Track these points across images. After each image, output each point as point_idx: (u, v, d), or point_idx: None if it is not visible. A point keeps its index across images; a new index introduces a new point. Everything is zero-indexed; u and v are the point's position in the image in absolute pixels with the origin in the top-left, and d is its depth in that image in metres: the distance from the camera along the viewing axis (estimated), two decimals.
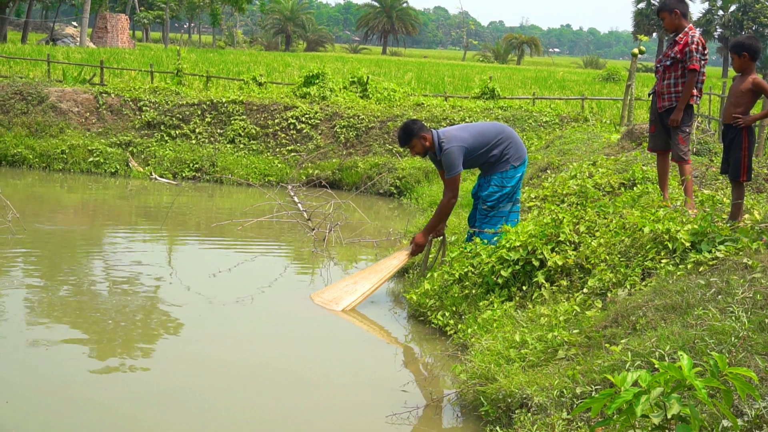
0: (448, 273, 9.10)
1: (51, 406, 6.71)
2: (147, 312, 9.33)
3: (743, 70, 8.00)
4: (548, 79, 43.34)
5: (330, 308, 9.48)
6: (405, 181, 18.08)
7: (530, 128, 20.56)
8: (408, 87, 27.10)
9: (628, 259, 7.54)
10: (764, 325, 5.26)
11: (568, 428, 5.28)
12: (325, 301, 9.64)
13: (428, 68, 48.87)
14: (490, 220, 9.72)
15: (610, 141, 15.99)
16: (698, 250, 7.00)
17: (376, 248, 12.40)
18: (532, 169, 14.36)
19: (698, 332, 5.37)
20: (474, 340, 7.53)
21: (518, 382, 6.06)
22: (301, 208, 14.83)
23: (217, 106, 21.31)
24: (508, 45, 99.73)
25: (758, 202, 8.66)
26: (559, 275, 8.04)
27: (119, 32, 58.95)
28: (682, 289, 6.22)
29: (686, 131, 9.03)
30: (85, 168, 19.75)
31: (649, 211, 8.17)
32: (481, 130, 9.84)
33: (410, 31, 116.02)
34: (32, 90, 21.42)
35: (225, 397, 7.02)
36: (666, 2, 9.17)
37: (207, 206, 17.12)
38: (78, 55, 35.25)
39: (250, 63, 40.00)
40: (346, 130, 20.51)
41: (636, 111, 21.64)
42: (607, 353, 5.81)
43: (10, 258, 11.43)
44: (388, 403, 6.82)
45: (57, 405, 6.74)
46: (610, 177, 11.06)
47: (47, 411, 6.61)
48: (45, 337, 8.16)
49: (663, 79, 9.05)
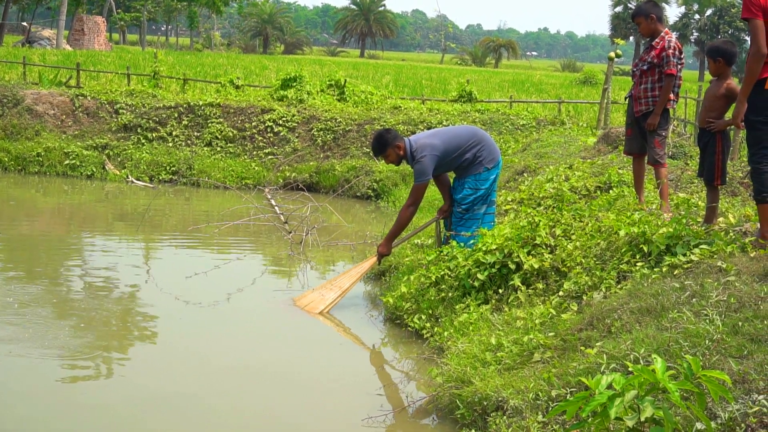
0: (424, 276, 9.11)
1: (23, 410, 6.67)
2: (123, 315, 9.29)
3: (719, 74, 8.04)
4: (525, 83, 43.49)
5: (308, 311, 9.49)
6: (382, 184, 18.07)
7: (507, 131, 20.60)
8: (386, 90, 27.10)
9: (603, 262, 7.57)
10: (738, 328, 5.29)
11: (544, 431, 5.29)
12: (304, 304, 9.65)
13: (406, 71, 48.92)
14: (465, 222, 9.73)
15: (586, 144, 16.04)
16: (673, 253, 7.04)
17: (353, 251, 12.41)
18: (508, 172, 14.39)
19: (672, 335, 5.40)
20: (450, 343, 7.53)
21: (494, 385, 6.07)
22: (278, 211, 14.81)
23: (194, 109, 21.26)
24: (486, 48, 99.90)
25: (733, 206, 8.70)
26: (535, 278, 8.06)
27: (96, 34, 58.69)
28: (656, 292, 6.24)
29: (662, 135, 9.07)
30: (61, 171, 19.63)
31: (625, 215, 8.20)
32: (453, 134, 9.86)
33: (388, 34, 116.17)
34: (8, 92, 21.31)
35: (201, 400, 7.00)
36: (641, 7, 9.21)
37: (184, 209, 17.08)
38: (54, 58, 35.10)
39: (228, 66, 39.96)
40: (323, 133, 20.49)
41: (612, 114, 21.74)
42: (583, 356, 5.82)
43: None
44: (364, 406, 6.82)
45: (29, 409, 6.70)
46: (587, 180, 11.09)
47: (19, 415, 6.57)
48: (20, 340, 8.11)
49: (640, 84, 9.09)
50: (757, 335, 5.17)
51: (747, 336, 5.19)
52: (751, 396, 4.55)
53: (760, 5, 6.71)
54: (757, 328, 5.23)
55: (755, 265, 6.47)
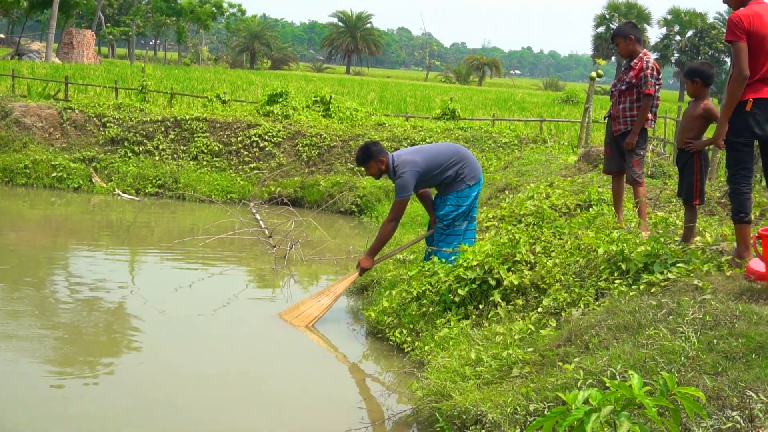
0: (406, 291, 9.12)
1: (10, 419, 6.64)
2: (109, 327, 9.26)
3: (697, 95, 8.09)
4: (508, 101, 43.61)
5: (293, 325, 9.49)
6: (366, 200, 18.07)
7: (489, 149, 20.64)
8: (370, 107, 27.11)
9: (582, 280, 7.60)
10: (713, 345, 5.32)
11: None
12: (289, 317, 9.65)
13: (391, 88, 48.99)
14: (447, 238, 9.78)
15: (567, 163, 16.10)
16: (651, 271, 7.07)
17: (337, 266, 12.41)
18: (490, 189, 14.42)
19: (649, 352, 5.42)
20: (431, 358, 7.54)
21: (473, 399, 6.08)
22: (263, 225, 14.81)
23: (180, 123, 21.24)
24: (470, 66, 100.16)
25: (710, 225, 8.75)
26: (515, 294, 8.08)
27: (85, 48, 58.63)
28: (634, 309, 6.27)
29: (640, 154, 9.12)
30: (48, 183, 19.55)
31: (604, 233, 8.24)
32: (436, 151, 9.91)
33: (374, 51, 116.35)
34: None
35: (184, 412, 6.99)
36: (620, 28, 9.27)
37: (169, 222, 17.04)
38: (43, 71, 35.04)
39: (215, 81, 39.93)
40: (308, 148, 20.50)
41: (593, 133, 21.83)
42: (560, 371, 5.84)
43: None
44: (345, 419, 6.81)
45: (16, 418, 6.67)
46: (567, 198, 11.13)
47: (5, 423, 6.55)
48: (5, 350, 8.08)
49: (618, 103, 9.14)
50: (731, 353, 5.20)
51: (722, 353, 5.22)
52: (725, 412, 4.57)
53: (744, 28, 6.77)
54: (732, 345, 5.26)
55: (731, 283, 6.52)
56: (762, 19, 6.85)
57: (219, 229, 14.31)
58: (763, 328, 5.43)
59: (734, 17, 6.86)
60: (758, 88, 6.84)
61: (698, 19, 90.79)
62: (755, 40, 6.81)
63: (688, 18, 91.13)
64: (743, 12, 6.88)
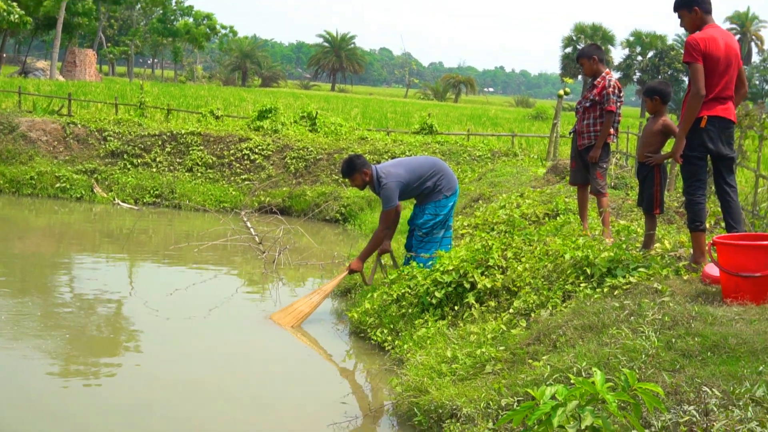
0: (386, 293, 9.12)
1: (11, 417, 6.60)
2: (109, 328, 9.24)
3: (656, 112, 8.12)
4: (482, 117, 43.65)
5: (282, 325, 9.47)
6: (349, 209, 18.07)
7: (464, 162, 20.65)
8: (354, 122, 27.10)
9: (550, 283, 7.62)
10: (671, 344, 5.34)
11: None
12: (278, 318, 9.63)
13: (373, 105, 48.97)
14: (425, 245, 9.80)
15: (536, 175, 16.12)
16: (614, 275, 7.10)
17: (322, 270, 12.40)
18: (465, 199, 14.44)
19: (612, 350, 5.44)
20: (409, 356, 7.54)
21: (449, 395, 6.09)
22: (253, 232, 14.77)
23: (176, 137, 21.18)
24: (447, 84, 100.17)
25: (669, 233, 8.77)
26: (488, 297, 8.10)
27: (87, 66, 58.43)
28: (598, 310, 6.29)
29: (603, 167, 9.15)
30: (52, 193, 19.48)
31: (570, 240, 8.26)
32: (416, 164, 9.94)
33: (357, 70, 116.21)
34: (3, 120, 21.17)
35: (178, 409, 6.98)
36: (585, 50, 9.31)
37: (166, 230, 16.99)
38: (48, 88, 34.85)
39: (209, 97, 39.81)
40: (296, 161, 20.47)
41: (561, 147, 21.85)
42: (530, 368, 5.85)
43: None
44: (330, 413, 6.81)
45: (17, 416, 6.63)
46: (536, 207, 11.15)
47: (4, 423, 6.51)
48: (8, 351, 8.04)
49: (582, 119, 9.17)
50: (688, 351, 5.22)
51: (679, 351, 5.24)
52: (683, 407, 4.59)
53: (700, 50, 6.82)
54: (689, 344, 5.28)
55: (688, 287, 6.56)
56: (716, 42, 6.90)
57: (212, 236, 14.27)
58: (717, 328, 5.45)
59: (691, 40, 6.91)
60: (712, 106, 6.89)
61: (658, 41, 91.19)
62: (710, 61, 6.86)
63: (649, 40, 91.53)
64: (699, 35, 6.93)
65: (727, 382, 4.75)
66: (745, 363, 4.95)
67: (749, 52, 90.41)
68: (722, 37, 6.98)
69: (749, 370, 4.84)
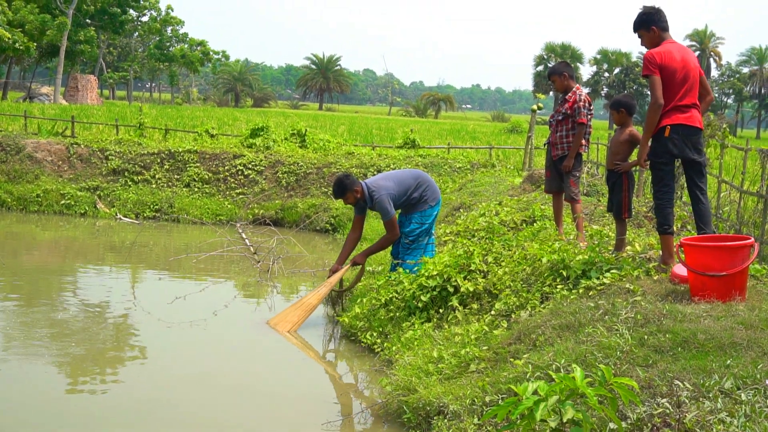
0: (375, 298, 9.09)
1: (21, 419, 6.55)
2: (113, 335, 9.19)
3: (622, 123, 8.15)
4: (461, 131, 43.73)
5: (279, 329, 9.43)
6: (338, 220, 18.05)
7: (446, 173, 20.65)
8: (341, 138, 27.08)
9: (529, 285, 7.60)
10: (644, 341, 5.33)
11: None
12: (275, 323, 9.59)
13: (359, 122, 48.99)
14: (411, 252, 9.79)
15: (513, 184, 16.13)
16: (588, 276, 7.09)
17: (314, 277, 12.36)
18: (447, 208, 14.43)
19: (588, 347, 5.42)
20: (398, 357, 7.51)
21: (436, 393, 6.06)
22: (248, 243, 14.73)
23: (174, 155, 21.11)
24: (427, 102, 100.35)
25: (638, 236, 8.78)
26: (471, 299, 8.08)
27: (89, 91, 58.29)
28: (575, 310, 6.28)
29: (576, 175, 9.15)
30: (57, 210, 19.40)
31: (547, 244, 8.25)
32: (402, 177, 9.94)
33: (343, 90, 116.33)
34: (11, 141, 21.07)
35: (180, 409, 6.93)
36: (555, 67, 9.32)
37: (166, 242, 16.92)
38: (52, 111, 34.72)
39: (204, 117, 39.71)
40: (287, 175, 20.42)
41: (535, 158, 21.87)
42: (512, 366, 5.83)
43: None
44: (323, 412, 6.78)
45: (27, 419, 6.58)
46: (514, 215, 11.15)
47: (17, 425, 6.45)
48: (19, 358, 7.99)
49: (556, 132, 9.17)
50: (660, 347, 5.21)
51: (652, 347, 5.23)
52: (656, 399, 4.58)
53: (657, 63, 6.86)
54: (660, 340, 5.27)
55: (658, 286, 6.55)
56: (672, 54, 6.93)
57: (210, 247, 14.22)
58: (687, 324, 5.44)
59: (648, 55, 6.96)
60: (672, 114, 6.91)
61: (624, 58, 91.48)
62: (667, 73, 6.89)
63: (615, 57, 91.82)
64: (656, 50, 6.98)
65: (698, 375, 4.74)
66: (714, 357, 4.95)
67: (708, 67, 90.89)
68: (678, 51, 7.01)
69: (718, 363, 4.83)
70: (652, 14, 7.13)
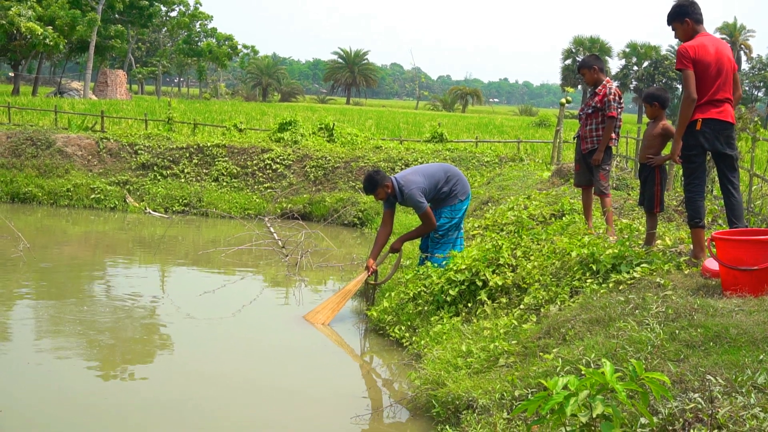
0: (403, 292, 9.09)
1: (52, 413, 6.61)
2: (142, 329, 9.23)
3: (655, 117, 8.08)
4: (489, 125, 43.61)
5: (313, 322, 9.46)
6: (366, 214, 18.07)
7: (474, 167, 20.61)
8: (369, 132, 27.12)
9: (558, 279, 7.57)
10: (675, 335, 5.29)
11: (508, 427, 5.26)
12: (310, 317, 9.61)
13: (386, 116, 48.95)
14: (441, 246, 9.76)
15: (542, 178, 16.07)
16: (618, 271, 7.05)
17: (342, 272, 12.38)
18: (475, 202, 14.40)
19: (619, 342, 5.39)
20: (426, 351, 7.51)
21: (465, 387, 6.05)
22: (276, 237, 14.77)
23: (203, 150, 21.22)
24: (455, 96, 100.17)
25: (669, 230, 8.72)
26: (499, 293, 8.05)
27: (118, 86, 58.61)
28: (604, 304, 6.24)
29: (606, 169, 9.10)
30: (87, 204, 19.58)
31: (576, 238, 8.21)
32: (432, 171, 9.90)
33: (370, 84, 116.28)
34: (41, 136, 21.28)
35: (209, 404, 6.95)
36: (585, 60, 9.27)
37: (194, 236, 17.00)
38: (82, 106, 34.97)
39: (232, 112, 39.85)
40: (315, 169, 20.47)
41: (564, 152, 21.78)
42: (541, 361, 5.80)
43: (22, 283, 11.30)
44: (352, 406, 6.79)
45: (58, 412, 6.64)
46: (543, 209, 11.10)
47: (48, 418, 6.51)
48: (51, 351, 8.06)
49: (585, 125, 9.12)
50: (691, 341, 5.17)
51: (683, 342, 5.19)
52: (688, 394, 4.54)
53: (690, 57, 6.78)
54: (692, 335, 5.23)
55: (689, 281, 6.49)
56: (706, 48, 6.85)
57: (238, 241, 14.28)
58: (718, 319, 5.39)
59: (682, 48, 6.88)
60: (706, 109, 6.83)
61: (653, 51, 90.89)
62: (701, 67, 6.82)
63: (644, 50, 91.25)
64: (690, 43, 6.89)
65: (730, 370, 4.69)
66: (746, 352, 4.90)
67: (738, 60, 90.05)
68: (713, 44, 6.93)
69: (750, 358, 4.79)
70: (686, 6, 7.05)
